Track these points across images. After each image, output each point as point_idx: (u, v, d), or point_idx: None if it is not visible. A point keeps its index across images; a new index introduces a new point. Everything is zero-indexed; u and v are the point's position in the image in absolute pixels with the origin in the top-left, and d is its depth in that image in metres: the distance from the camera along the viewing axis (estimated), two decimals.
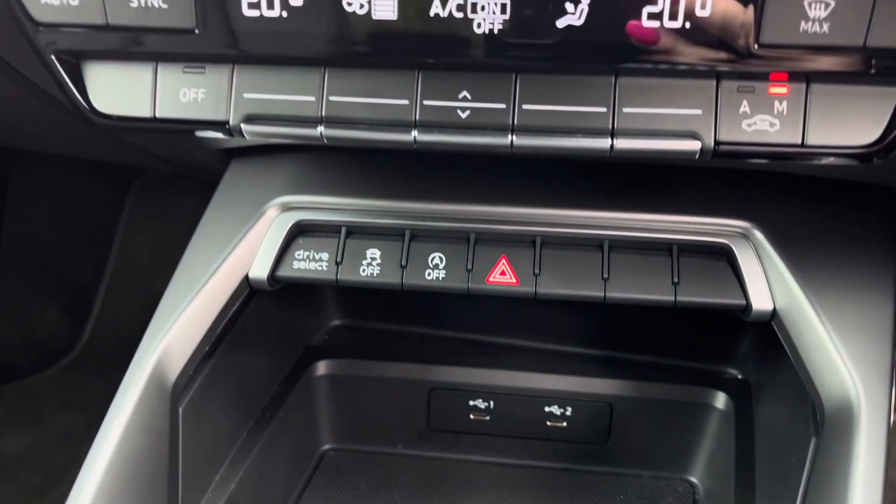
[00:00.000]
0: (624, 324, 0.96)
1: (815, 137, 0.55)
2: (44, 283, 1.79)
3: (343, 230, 0.73)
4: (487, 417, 0.92)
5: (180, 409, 0.71)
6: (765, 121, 0.56)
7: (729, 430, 0.83)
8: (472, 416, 0.92)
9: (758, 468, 0.77)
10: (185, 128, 0.63)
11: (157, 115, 0.62)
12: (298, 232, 0.75)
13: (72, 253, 1.84)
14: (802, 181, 0.72)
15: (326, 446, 0.95)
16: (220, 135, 0.63)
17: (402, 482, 0.91)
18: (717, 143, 0.57)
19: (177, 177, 1.93)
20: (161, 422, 0.68)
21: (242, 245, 0.74)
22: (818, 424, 0.63)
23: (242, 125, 0.61)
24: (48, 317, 1.81)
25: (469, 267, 0.71)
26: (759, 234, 0.69)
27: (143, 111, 0.63)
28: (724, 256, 0.70)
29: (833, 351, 0.62)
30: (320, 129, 0.60)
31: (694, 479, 0.90)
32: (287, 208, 0.75)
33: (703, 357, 0.94)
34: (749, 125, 0.56)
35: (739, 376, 0.91)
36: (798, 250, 0.68)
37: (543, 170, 0.76)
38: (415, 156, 0.78)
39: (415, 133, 0.60)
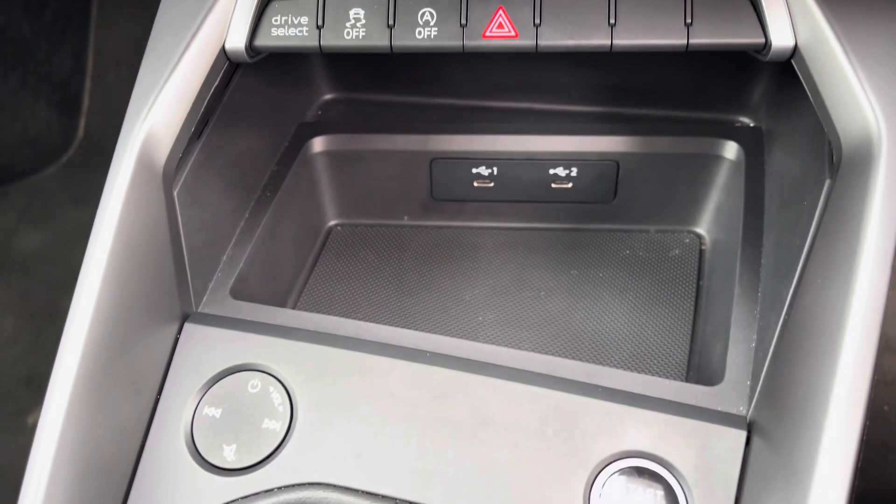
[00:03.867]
0: (630, 77, 0.91)
1: None
2: (25, 77, 1.73)
3: None
4: (491, 184, 0.91)
5: (175, 193, 0.69)
6: None
7: (739, 179, 0.82)
8: (475, 184, 0.91)
9: (767, 215, 0.76)
10: None
11: None
12: None
13: (48, 44, 1.76)
14: None
15: (332, 222, 0.96)
16: None
17: (409, 251, 0.92)
18: None
19: None
20: (156, 207, 0.67)
21: (214, 14, 0.68)
22: (834, 165, 0.61)
23: None
24: (38, 113, 1.77)
25: (463, 21, 0.66)
26: None
27: None
28: None
29: (856, 85, 0.58)
30: None
31: (701, 231, 0.90)
32: None
33: (713, 107, 0.91)
34: None
35: (751, 124, 0.88)
36: None
37: None
38: None
39: None
